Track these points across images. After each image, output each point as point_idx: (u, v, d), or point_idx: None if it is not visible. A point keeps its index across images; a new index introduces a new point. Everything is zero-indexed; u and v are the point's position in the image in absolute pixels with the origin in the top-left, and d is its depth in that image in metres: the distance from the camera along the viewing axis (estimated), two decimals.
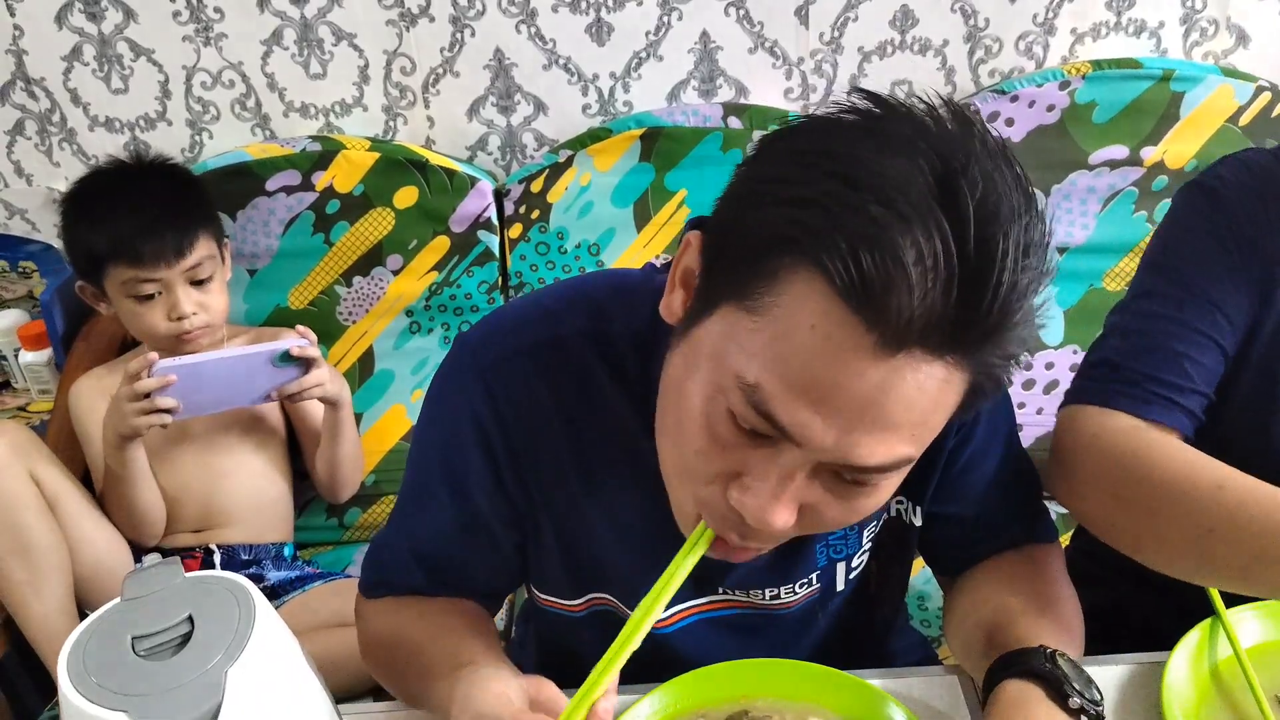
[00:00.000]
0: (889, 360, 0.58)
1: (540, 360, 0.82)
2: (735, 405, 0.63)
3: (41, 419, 1.79)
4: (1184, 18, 1.69)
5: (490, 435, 0.83)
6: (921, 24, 1.69)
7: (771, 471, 0.64)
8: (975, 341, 0.59)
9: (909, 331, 0.57)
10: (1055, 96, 1.62)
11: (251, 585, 0.67)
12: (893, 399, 0.59)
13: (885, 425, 0.60)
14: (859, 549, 0.91)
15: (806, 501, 0.66)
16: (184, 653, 0.61)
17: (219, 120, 1.78)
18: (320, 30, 1.71)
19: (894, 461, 0.63)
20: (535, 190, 1.69)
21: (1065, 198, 1.65)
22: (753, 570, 0.87)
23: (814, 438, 0.61)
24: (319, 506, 1.73)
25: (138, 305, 1.45)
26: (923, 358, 0.58)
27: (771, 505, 0.64)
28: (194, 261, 1.45)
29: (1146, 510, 0.83)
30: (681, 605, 0.91)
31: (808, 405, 0.60)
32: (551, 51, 1.72)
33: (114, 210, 1.43)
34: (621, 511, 0.86)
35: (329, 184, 1.67)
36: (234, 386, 1.47)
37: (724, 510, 0.67)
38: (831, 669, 0.85)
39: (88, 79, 1.75)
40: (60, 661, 0.61)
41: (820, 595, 0.92)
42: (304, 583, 1.52)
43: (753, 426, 0.63)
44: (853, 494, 0.66)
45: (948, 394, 0.61)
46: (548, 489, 0.86)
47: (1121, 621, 1.05)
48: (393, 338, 1.72)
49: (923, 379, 0.59)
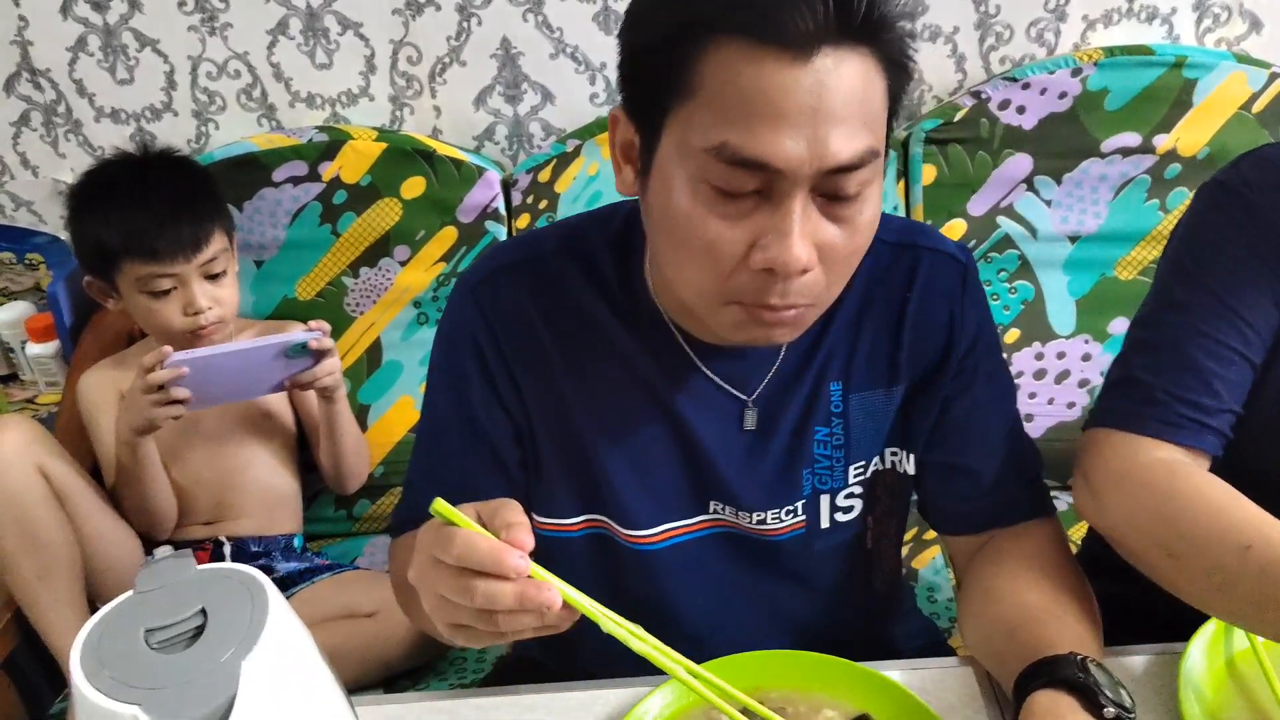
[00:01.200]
0: (809, 64, 0.67)
1: (523, 274, 0.89)
2: (716, 175, 0.70)
3: (50, 411, 1.79)
4: (1196, 4, 1.67)
5: (483, 348, 0.89)
6: (932, 11, 1.68)
7: (776, 222, 0.71)
8: (864, 26, 0.68)
9: (810, 36, 0.67)
10: (1067, 84, 1.61)
11: (264, 577, 0.66)
12: (829, 96, 0.68)
13: (838, 119, 0.69)
14: (844, 485, 0.93)
15: (816, 240, 0.72)
16: (197, 645, 0.61)
17: (225, 111, 1.78)
18: (326, 20, 1.70)
19: (863, 152, 0.70)
20: (543, 180, 1.68)
21: (1077, 185, 1.63)
22: (742, 486, 0.90)
23: (789, 154, 0.68)
24: (328, 498, 1.73)
25: (153, 301, 1.44)
26: (834, 54, 0.68)
27: (790, 243, 0.71)
28: (209, 255, 1.44)
29: (1168, 553, 0.82)
30: (671, 524, 0.92)
31: (770, 130, 0.68)
32: (559, 40, 1.71)
33: (125, 204, 1.41)
34: (611, 422, 0.89)
35: (336, 174, 1.66)
36: (247, 378, 1.46)
37: (757, 281, 0.73)
38: (845, 660, 0.85)
39: (93, 70, 1.75)
40: (73, 654, 0.60)
41: (806, 531, 0.93)
42: (313, 574, 1.52)
43: (740, 184, 0.70)
44: (847, 212, 0.73)
45: (872, 79, 0.70)
46: (540, 399, 0.90)
47: (1138, 612, 1.04)
48: (400, 329, 1.72)
49: (845, 71, 0.68)
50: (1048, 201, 1.65)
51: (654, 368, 0.89)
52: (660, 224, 0.77)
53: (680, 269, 0.77)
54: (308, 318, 1.68)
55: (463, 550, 0.64)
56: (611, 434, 0.89)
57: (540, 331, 0.88)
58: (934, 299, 0.89)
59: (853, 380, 0.90)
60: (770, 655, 0.86)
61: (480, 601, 0.64)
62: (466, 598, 0.64)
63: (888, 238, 0.88)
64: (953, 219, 1.66)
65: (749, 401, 0.90)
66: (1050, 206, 1.65)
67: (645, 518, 0.91)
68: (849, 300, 0.88)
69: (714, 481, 0.91)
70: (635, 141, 0.77)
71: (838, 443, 0.92)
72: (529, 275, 0.89)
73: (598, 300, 0.89)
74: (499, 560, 0.63)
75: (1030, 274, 1.67)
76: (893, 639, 1.10)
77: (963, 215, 1.66)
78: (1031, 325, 1.67)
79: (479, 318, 0.89)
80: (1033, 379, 1.68)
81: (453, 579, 0.65)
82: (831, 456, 0.92)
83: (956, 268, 0.90)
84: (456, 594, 0.65)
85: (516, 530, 0.65)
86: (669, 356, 0.88)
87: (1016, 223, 1.65)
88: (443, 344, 0.93)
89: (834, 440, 0.91)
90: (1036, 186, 1.64)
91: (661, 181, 0.74)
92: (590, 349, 0.89)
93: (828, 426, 0.91)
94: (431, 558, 0.66)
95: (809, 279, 0.73)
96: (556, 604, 0.64)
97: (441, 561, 0.65)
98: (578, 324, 0.89)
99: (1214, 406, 0.87)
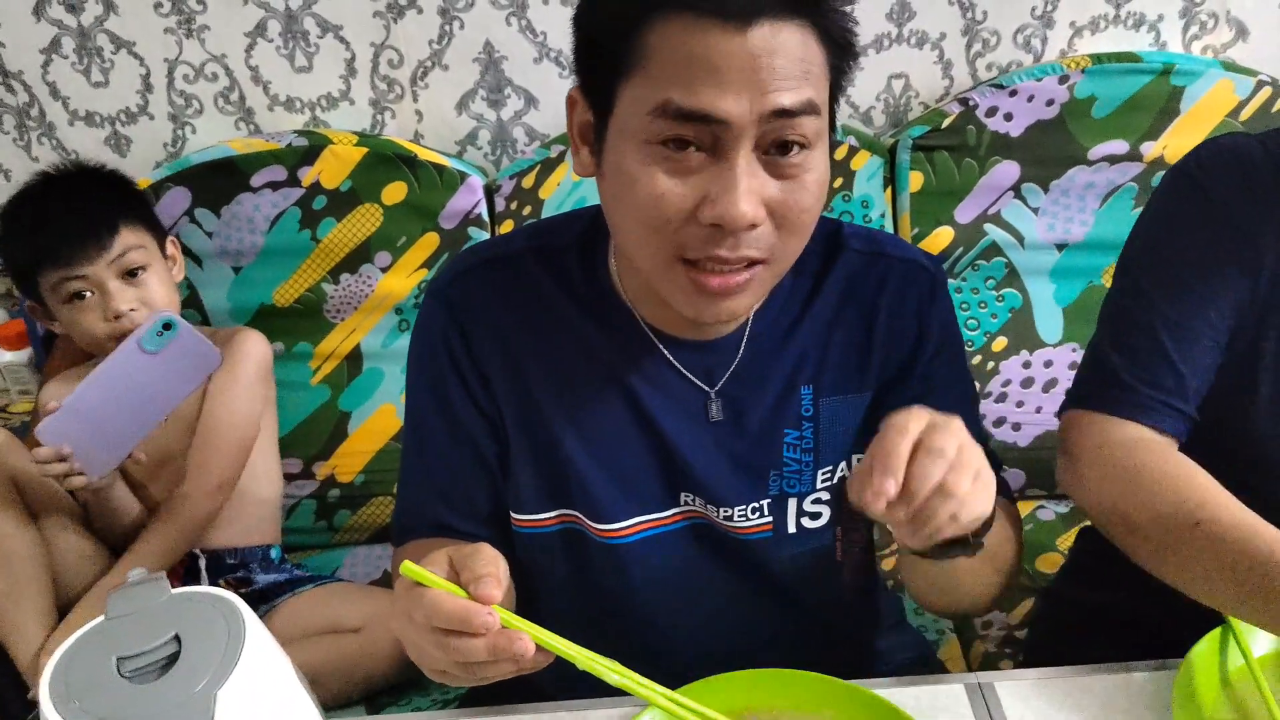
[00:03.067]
0: (749, 31, 0.71)
1: (490, 274, 0.93)
2: (663, 132, 0.74)
3: (22, 420, 1.76)
4: (1183, 10, 1.67)
5: (454, 347, 0.92)
6: (919, 17, 1.67)
7: (722, 177, 0.74)
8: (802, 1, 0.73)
9: (751, 9, 0.71)
10: (1054, 91, 1.60)
11: (240, 602, 0.64)
12: (768, 58, 0.72)
13: (778, 75, 0.72)
14: (811, 490, 0.94)
15: (763, 195, 0.75)
16: (171, 674, 0.59)
17: (202, 114, 1.75)
18: (305, 22, 1.68)
19: (804, 102, 0.74)
20: (527, 186, 1.66)
21: (1064, 193, 1.63)
22: (710, 476, 0.92)
23: (733, 106, 0.72)
24: (308, 508, 1.70)
25: (73, 310, 1.40)
26: (771, 24, 0.72)
27: (735, 197, 0.74)
28: (118, 251, 1.39)
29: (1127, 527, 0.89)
30: (642, 517, 0.94)
31: (714, 87, 0.72)
32: (542, 44, 1.69)
33: (37, 220, 1.39)
34: (578, 415, 0.91)
35: (315, 179, 1.64)
36: (139, 394, 1.31)
37: (705, 234, 0.76)
38: (833, 679, 0.84)
39: (67, 72, 1.72)
40: (43, 683, 0.59)
41: (773, 535, 0.94)
42: (294, 586, 1.49)
43: (687, 135, 0.74)
44: (792, 169, 0.76)
45: (810, 47, 0.74)
46: (510, 395, 0.93)
47: (1129, 625, 1.03)
48: (382, 335, 1.70)
49: (784, 38, 0.72)
50: (1035, 209, 1.64)
51: (620, 360, 0.91)
52: (613, 192, 0.80)
53: (630, 232, 0.80)
54: (286, 325, 1.67)
55: (431, 612, 0.66)
56: (578, 426, 0.91)
57: (507, 329, 0.92)
58: (903, 307, 0.92)
59: (824, 385, 0.92)
60: (757, 674, 0.85)
61: (455, 656, 0.67)
62: (442, 653, 0.67)
63: (859, 247, 0.93)
64: (940, 226, 1.65)
65: (712, 393, 0.91)
66: (1037, 214, 1.64)
67: (615, 510, 0.92)
68: (820, 306, 0.92)
69: (683, 471, 0.92)
70: (591, 121, 0.81)
71: (807, 446, 0.93)
72: (495, 275, 0.93)
73: (563, 296, 0.91)
74: (466, 620, 0.65)
75: (1018, 282, 1.66)
76: (881, 651, 1.10)
77: (950, 222, 1.65)
78: (1019, 333, 1.67)
79: (449, 319, 0.92)
80: (1020, 387, 1.68)
81: (427, 636, 0.67)
82: (800, 460, 0.93)
83: (925, 277, 0.93)
84: (433, 649, 0.67)
85: (483, 584, 0.66)
86: (634, 347, 0.91)
87: (1004, 230, 1.65)
88: (416, 348, 0.96)
89: (803, 444, 0.93)
90: (1024, 194, 1.64)
91: (614, 155, 0.78)
92: (556, 344, 0.91)
93: (798, 430, 0.92)
94: (407, 614, 0.68)
95: (758, 233, 0.76)
96: (529, 652, 0.66)
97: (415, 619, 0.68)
98: (543, 320, 0.91)
99: (1181, 389, 0.92)
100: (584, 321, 0.91)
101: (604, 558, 0.94)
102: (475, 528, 0.96)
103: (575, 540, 0.95)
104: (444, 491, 0.96)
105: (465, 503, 0.96)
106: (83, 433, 1.28)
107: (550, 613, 0.99)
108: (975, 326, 1.66)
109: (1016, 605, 1.44)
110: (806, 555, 0.96)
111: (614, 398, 0.91)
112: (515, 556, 1.00)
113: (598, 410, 0.91)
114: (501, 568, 0.68)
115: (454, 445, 0.95)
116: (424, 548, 0.91)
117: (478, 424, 0.94)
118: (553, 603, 0.99)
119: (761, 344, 0.91)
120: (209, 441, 1.47)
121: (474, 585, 0.66)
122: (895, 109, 1.75)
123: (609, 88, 0.76)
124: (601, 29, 0.77)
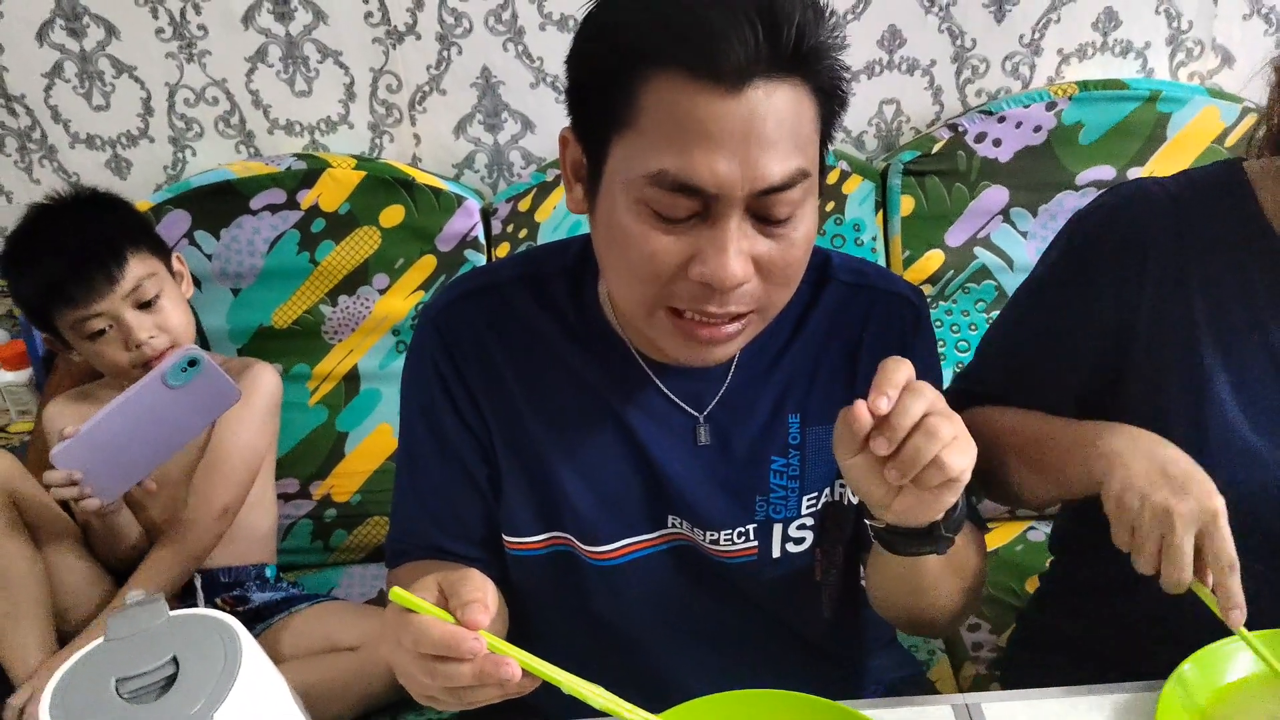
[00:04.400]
0: (741, 95, 0.71)
1: (480, 303, 0.94)
2: (657, 201, 0.74)
3: (22, 440, 1.77)
4: (1170, 38, 1.70)
5: (444, 373, 0.93)
6: (909, 44, 1.69)
7: (713, 238, 0.75)
8: (794, 59, 0.72)
9: (742, 71, 0.70)
10: (1042, 117, 1.62)
11: (237, 624, 0.65)
12: (760, 123, 0.72)
13: (769, 144, 0.72)
14: (797, 515, 0.95)
15: (752, 253, 0.77)
16: (169, 696, 0.60)
17: (202, 137, 1.77)
18: (306, 48, 1.70)
19: (793, 173, 0.74)
20: (523, 209, 1.68)
21: (1052, 218, 1.65)
22: (697, 499, 0.92)
23: (724, 177, 0.72)
24: (304, 528, 1.71)
25: (93, 344, 1.41)
26: (765, 85, 0.72)
27: (726, 259, 0.75)
28: (131, 284, 1.40)
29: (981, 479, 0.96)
30: (632, 539, 0.94)
31: (704, 156, 0.72)
32: (539, 70, 1.71)
33: (41, 255, 1.39)
34: (567, 439, 0.92)
35: (314, 202, 1.65)
36: (158, 428, 1.33)
37: (693, 290, 0.77)
38: (822, 700, 0.84)
39: (69, 96, 1.74)
40: (43, 704, 0.59)
41: (757, 559, 0.95)
42: (290, 604, 1.50)
43: (678, 209, 0.74)
44: (782, 230, 0.77)
45: (803, 106, 0.74)
46: (499, 419, 0.94)
47: (1098, 653, 1.04)
48: (379, 357, 1.71)
49: (776, 100, 0.72)
50: (1024, 233, 1.66)
51: (607, 384, 0.92)
52: (605, 239, 0.81)
53: (620, 279, 0.82)
54: (284, 346, 1.68)
55: (418, 638, 0.67)
56: (567, 450, 0.92)
57: (496, 355, 0.93)
58: (887, 338, 0.94)
59: (810, 414, 0.93)
60: (745, 695, 0.85)
61: (442, 682, 0.68)
62: (429, 679, 0.68)
63: (844, 278, 0.94)
64: (931, 249, 1.67)
65: (700, 418, 0.92)
66: (1026, 238, 1.66)
67: (604, 533, 0.93)
68: (806, 336, 0.93)
69: (670, 494, 0.93)
70: (584, 161, 0.81)
71: (793, 473, 0.94)
72: (485, 302, 0.94)
73: (550, 323, 0.93)
74: (452, 646, 0.66)
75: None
76: (870, 670, 1.11)
77: (940, 246, 1.67)
78: None
79: (439, 344, 0.93)
80: None
81: (415, 661, 0.68)
82: (787, 487, 0.94)
83: (910, 310, 0.95)
84: (420, 674, 0.69)
85: (471, 610, 0.67)
86: (622, 372, 0.92)
87: (993, 254, 1.67)
88: (409, 373, 0.98)
89: (790, 471, 0.94)
90: (1013, 218, 1.66)
91: (607, 201, 0.78)
92: (543, 370, 0.93)
93: (784, 457, 0.93)
94: (396, 640, 0.69)
95: (747, 289, 0.78)
96: (515, 676, 0.67)
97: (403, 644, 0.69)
98: (531, 346, 0.93)
99: None
100: (572, 348, 0.92)
101: (595, 579, 0.95)
102: (468, 549, 0.97)
103: (566, 562, 0.95)
104: (436, 515, 0.97)
105: (457, 525, 0.97)
106: (97, 459, 1.29)
107: (544, 634, 1.00)
108: (965, 349, 1.68)
109: (1008, 628, 1.45)
110: (788, 578, 0.97)
111: (602, 422, 0.92)
112: (509, 579, 1.01)
113: (586, 434, 0.92)
114: (490, 593, 0.69)
115: (445, 469, 0.96)
116: (417, 570, 0.92)
117: (469, 446, 0.95)
118: (546, 624, 1.00)
119: (749, 371, 0.92)
120: (217, 469, 1.47)
121: (461, 611, 0.67)
122: (887, 134, 1.77)
123: (602, 137, 0.77)
124: (593, 77, 0.77)
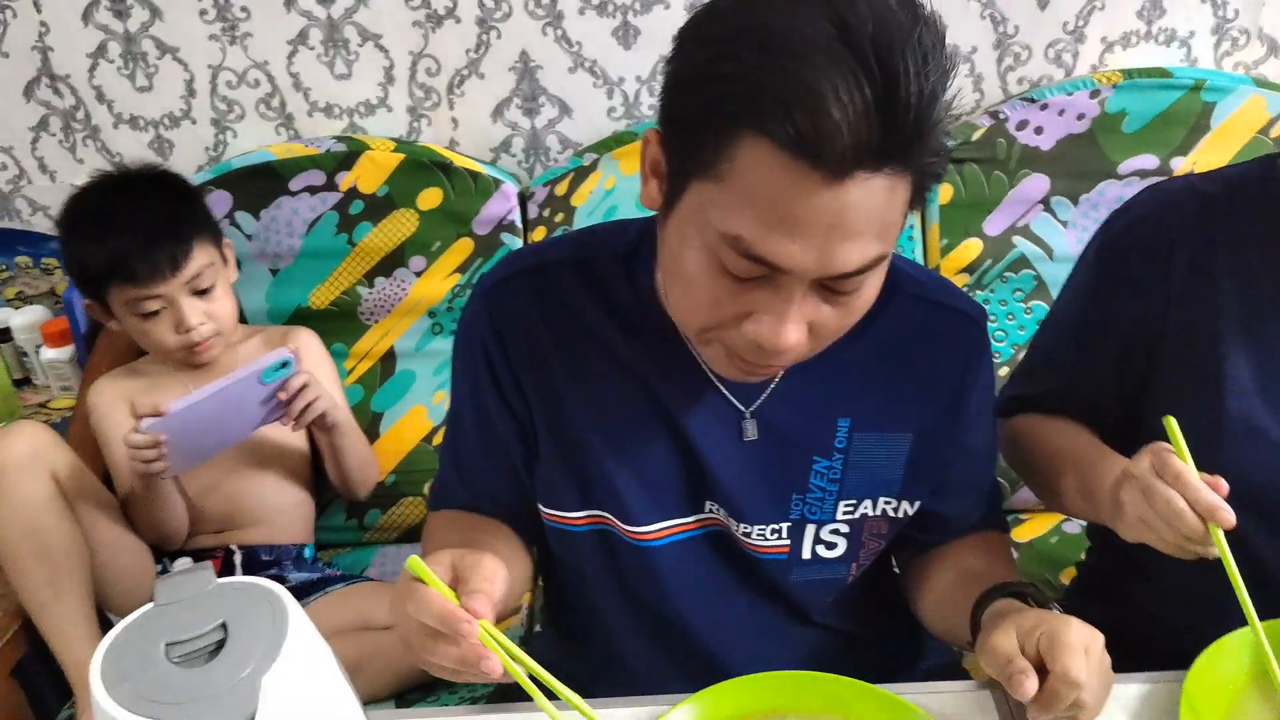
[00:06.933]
0: (838, 187, 0.67)
1: (529, 283, 0.93)
2: (727, 259, 0.72)
3: (63, 416, 1.79)
4: (1215, 27, 1.67)
5: (490, 349, 0.94)
6: (950, 31, 1.64)
7: (774, 303, 0.73)
8: (904, 150, 0.67)
9: (847, 160, 0.66)
10: (1085, 105, 1.61)
11: (284, 591, 0.66)
12: (851, 215, 0.68)
13: (852, 236, 0.69)
14: (831, 519, 0.95)
15: (812, 319, 0.75)
16: (218, 660, 0.61)
17: (244, 119, 1.78)
18: (346, 30, 1.71)
19: (869, 261, 0.72)
20: (560, 193, 1.69)
21: (1094, 207, 1.63)
22: (736, 490, 0.93)
23: (798, 263, 0.70)
24: (339, 507, 1.73)
25: (143, 322, 1.44)
26: (865, 177, 0.67)
27: (782, 328, 0.74)
28: (193, 273, 1.43)
29: None
30: (670, 522, 0.95)
31: (784, 239, 0.69)
32: (577, 54, 1.71)
33: (107, 229, 1.41)
34: (609, 422, 0.93)
35: (353, 185, 1.66)
36: (235, 417, 1.42)
37: (744, 343, 0.76)
38: (862, 683, 0.84)
39: (113, 76, 1.76)
40: (93, 666, 0.60)
41: (787, 558, 0.95)
42: (325, 585, 1.52)
43: (747, 272, 0.72)
44: (845, 299, 0.76)
45: (896, 198, 0.70)
46: (542, 399, 0.94)
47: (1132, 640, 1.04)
48: (415, 338, 1.72)
49: (872, 193, 0.68)
50: (1064, 222, 1.64)
51: (654, 370, 0.92)
52: (670, 257, 0.79)
53: (677, 302, 0.81)
54: (321, 327, 1.69)
55: (419, 609, 0.71)
56: (609, 433, 0.93)
57: (541, 336, 0.93)
58: (952, 356, 0.94)
59: (860, 420, 0.93)
60: (786, 676, 0.86)
61: (431, 656, 0.72)
62: (423, 649, 0.72)
63: (910, 290, 0.92)
64: (969, 238, 1.66)
65: (747, 413, 0.92)
66: (1067, 227, 1.65)
67: (644, 514, 0.94)
68: (867, 343, 0.90)
69: (710, 482, 0.93)
70: (664, 168, 0.78)
71: (834, 476, 0.94)
72: (535, 281, 0.94)
73: (596, 307, 0.92)
74: (446, 624, 0.70)
75: (1046, 295, 1.66)
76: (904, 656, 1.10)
77: (979, 235, 1.65)
78: None
79: (486, 321, 0.94)
80: None
81: (415, 628, 0.72)
82: (825, 489, 0.94)
83: (975, 329, 0.95)
84: (415, 641, 0.73)
85: (475, 599, 0.71)
86: (671, 360, 0.91)
87: (1033, 243, 1.65)
88: (458, 345, 1.00)
89: (831, 474, 0.93)
90: (1053, 207, 1.64)
91: (678, 232, 0.76)
92: (587, 352, 0.92)
93: (828, 459, 0.93)
94: (403, 604, 0.73)
95: (793, 347, 0.76)
96: (494, 674, 0.70)
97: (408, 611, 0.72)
98: (576, 329, 0.93)
99: None
100: (619, 333, 0.92)
101: (636, 559, 0.95)
102: (495, 511, 1.01)
103: (608, 541, 0.96)
104: (470, 481, 1.02)
105: (489, 495, 1.01)
106: (178, 436, 1.35)
107: (585, 606, 1.02)
108: (1003, 339, 1.67)
109: None
110: (818, 583, 0.98)
111: (647, 407, 0.92)
112: (547, 548, 1.03)
113: (629, 418, 0.92)
114: (499, 585, 0.73)
115: (484, 445, 0.99)
116: (450, 523, 0.99)
117: (509, 428, 0.96)
118: (585, 597, 1.01)
119: (803, 371, 0.89)
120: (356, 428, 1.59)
121: (466, 598, 0.71)
122: None
123: (687, 170, 0.74)
124: (688, 116, 0.73)
